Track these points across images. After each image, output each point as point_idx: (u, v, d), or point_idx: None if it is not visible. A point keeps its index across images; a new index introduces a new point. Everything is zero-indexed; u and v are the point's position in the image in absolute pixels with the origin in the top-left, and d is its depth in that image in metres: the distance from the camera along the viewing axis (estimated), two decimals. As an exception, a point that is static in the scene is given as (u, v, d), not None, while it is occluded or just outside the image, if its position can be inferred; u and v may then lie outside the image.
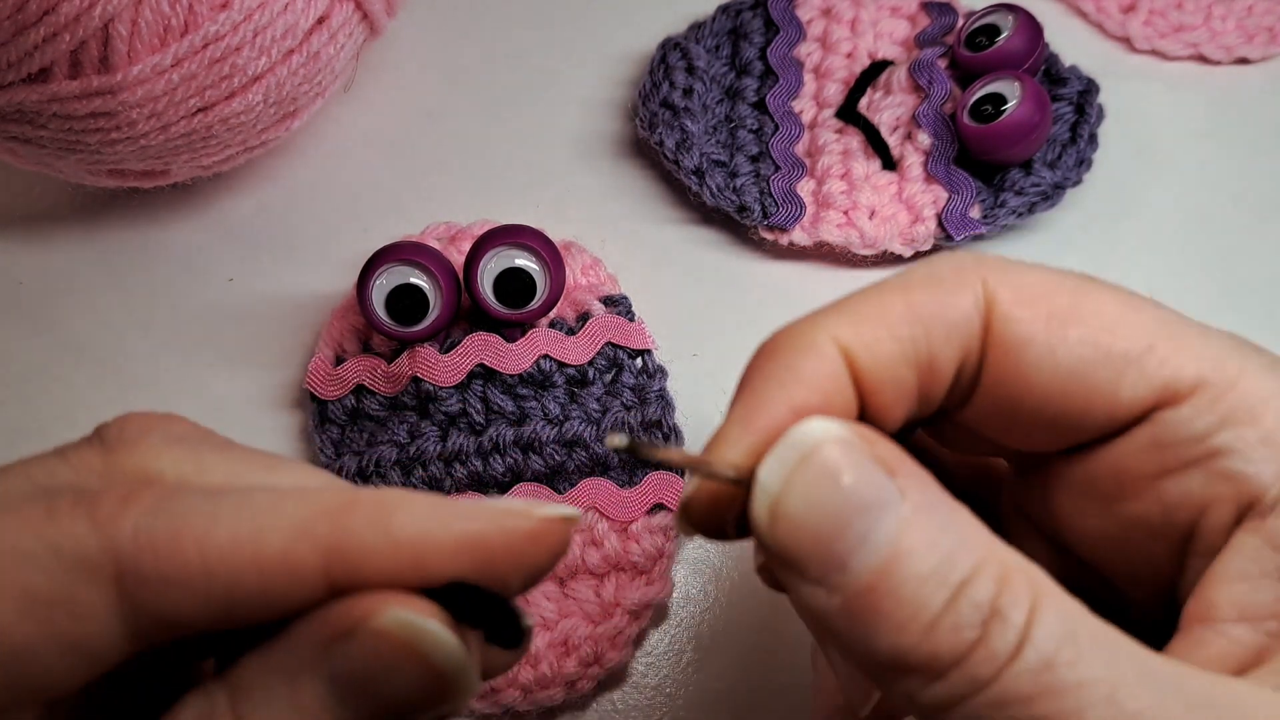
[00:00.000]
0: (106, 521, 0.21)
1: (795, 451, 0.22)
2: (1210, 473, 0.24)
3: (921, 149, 0.48)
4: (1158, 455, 0.24)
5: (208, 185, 0.50)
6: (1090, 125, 0.48)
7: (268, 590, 0.22)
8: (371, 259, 0.42)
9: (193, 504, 0.22)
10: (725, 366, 0.46)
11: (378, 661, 0.21)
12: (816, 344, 0.25)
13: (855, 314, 0.25)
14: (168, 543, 0.21)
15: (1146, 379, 0.24)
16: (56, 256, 0.49)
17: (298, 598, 0.22)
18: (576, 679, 0.40)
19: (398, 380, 0.43)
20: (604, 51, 0.53)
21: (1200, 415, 0.24)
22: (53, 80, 0.41)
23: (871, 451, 0.22)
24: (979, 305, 0.25)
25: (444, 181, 0.51)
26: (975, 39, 0.48)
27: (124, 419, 0.25)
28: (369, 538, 0.22)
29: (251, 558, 0.21)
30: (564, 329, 0.44)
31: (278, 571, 0.21)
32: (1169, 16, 0.53)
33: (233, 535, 0.21)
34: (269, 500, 0.22)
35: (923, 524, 0.22)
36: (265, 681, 0.22)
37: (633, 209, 0.50)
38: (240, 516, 0.22)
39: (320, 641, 0.22)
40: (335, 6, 0.44)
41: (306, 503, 0.22)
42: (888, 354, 0.25)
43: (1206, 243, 0.49)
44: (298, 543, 0.22)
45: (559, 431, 0.42)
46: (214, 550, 0.21)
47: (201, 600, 0.21)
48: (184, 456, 0.24)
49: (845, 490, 0.22)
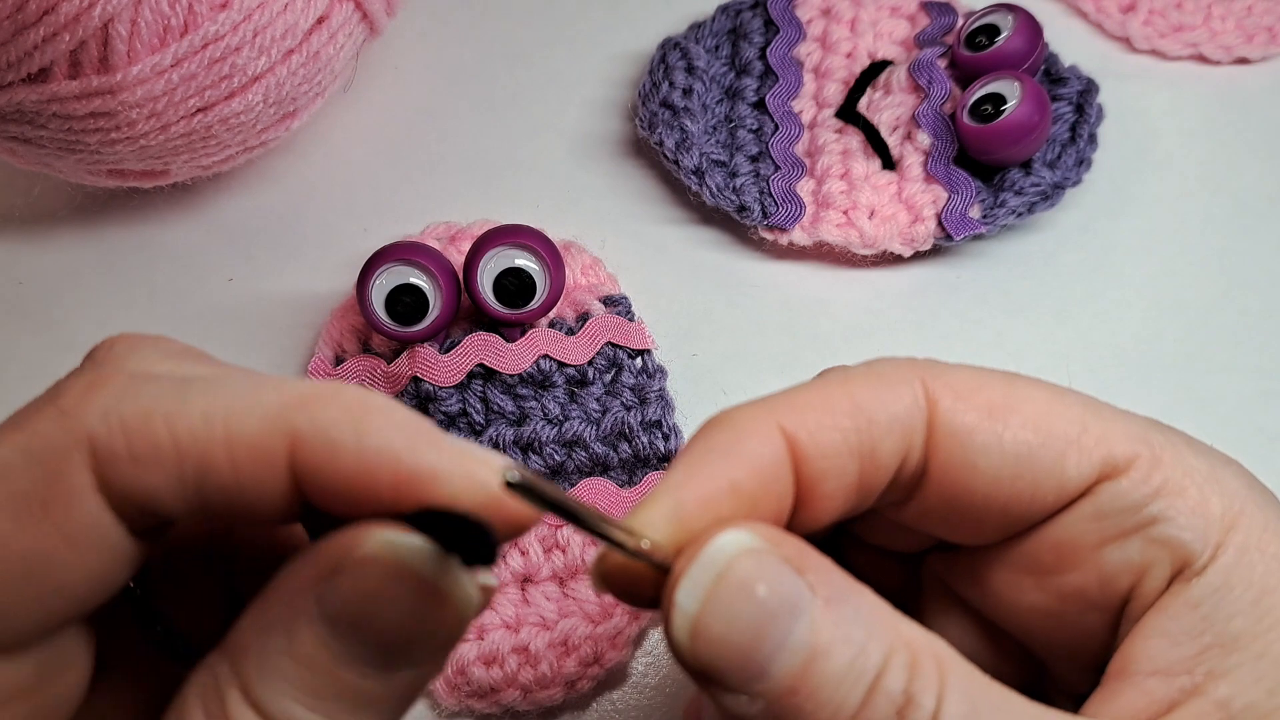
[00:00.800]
0: (72, 409, 0.22)
1: (710, 571, 0.22)
2: (1148, 539, 0.25)
3: (921, 149, 0.48)
4: (1099, 526, 0.26)
5: (208, 185, 0.50)
6: (1090, 125, 0.48)
7: (239, 473, 0.22)
8: (371, 259, 0.42)
9: (162, 387, 0.22)
10: (725, 366, 0.46)
11: (370, 588, 0.21)
12: (761, 427, 0.25)
13: (800, 403, 0.25)
14: (137, 422, 0.21)
15: (1088, 456, 0.25)
16: (56, 256, 0.49)
17: (270, 489, 0.22)
18: (576, 679, 0.40)
19: (397, 380, 0.43)
20: (604, 51, 0.53)
21: (1138, 486, 0.25)
22: (52, 80, 0.41)
23: (781, 553, 0.23)
24: (919, 401, 0.26)
25: (444, 181, 0.51)
26: (975, 39, 0.48)
27: (113, 338, 0.25)
28: (337, 434, 0.22)
29: (222, 438, 0.22)
30: (564, 329, 0.44)
31: (248, 454, 0.22)
32: (1169, 16, 0.53)
33: (204, 414, 0.22)
34: (245, 384, 0.22)
35: (834, 618, 0.22)
36: (262, 639, 0.22)
37: (633, 209, 0.50)
38: (212, 398, 0.22)
39: (308, 584, 0.22)
40: (335, 6, 0.44)
41: (283, 390, 0.22)
42: (831, 443, 0.25)
43: (1206, 243, 0.49)
44: (268, 425, 0.22)
45: (559, 431, 0.42)
46: (184, 429, 0.21)
47: (174, 479, 0.22)
48: (160, 359, 0.24)
49: (761, 601, 0.22)
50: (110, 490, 0.22)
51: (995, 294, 0.48)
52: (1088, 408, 0.26)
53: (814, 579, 0.23)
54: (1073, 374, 0.46)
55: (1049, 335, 0.47)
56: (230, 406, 0.22)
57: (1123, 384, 0.46)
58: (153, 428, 0.21)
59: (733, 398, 0.46)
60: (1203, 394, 0.46)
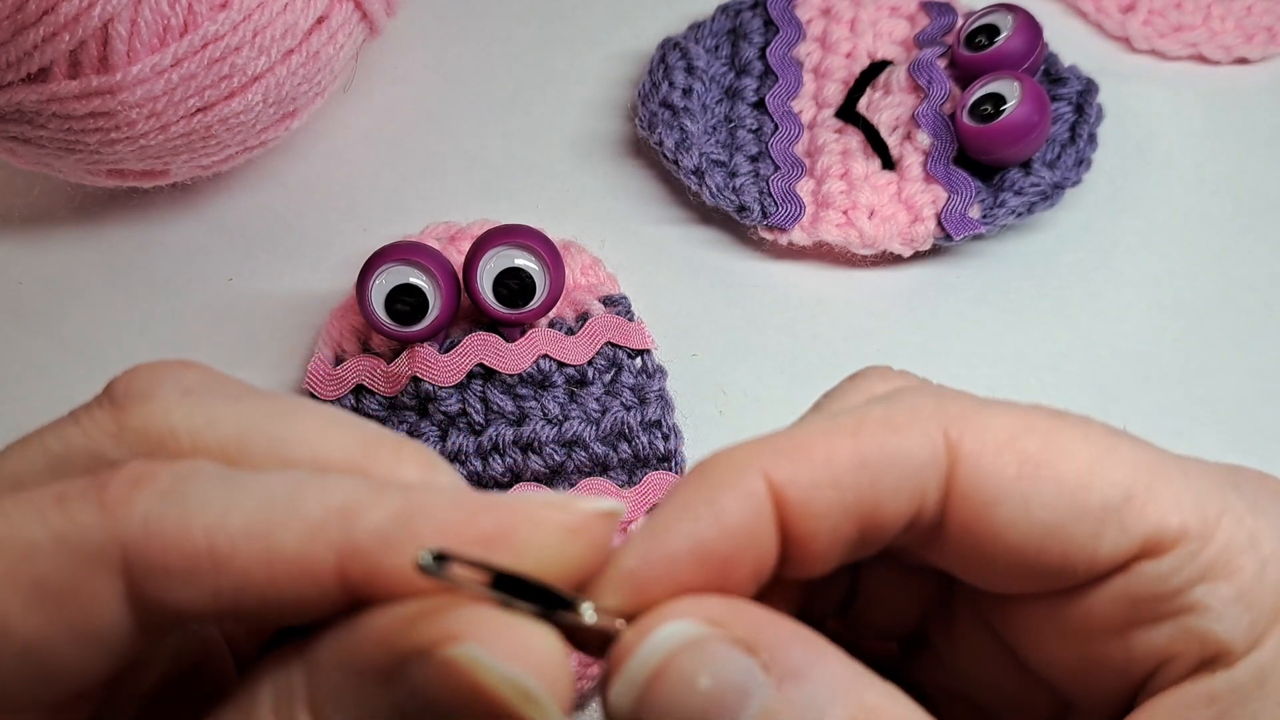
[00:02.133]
0: (115, 506, 0.21)
1: (646, 669, 0.21)
2: (1180, 628, 0.23)
3: (921, 149, 0.48)
4: (1130, 608, 0.23)
5: (207, 185, 0.50)
6: (1089, 125, 0.48)
7: (280, 589, 0.21)
8: (371, 259, 0.42)
9: (207, 490, 0.21)
10: (725, 366, 0.46)
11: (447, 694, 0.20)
12: (745, 482, 0.23)
13: (798, 453, 0.23)
14: (176, 532, 0.21)
15: (1126, 533, 0.23)
16: (56, 256, 0.49)
17: (312, 598, 0.21)
18: (576, 679, 0.40)
19: (397, 380, 0.43)
20: (604, 51, 0.53)
21: (1179, 569, 0.23)
22: (52, 80, 0.41)
23: (731, 635, 0.21)
24: (938, 457, 0.23)
25: (443, 181, 0.51)
26: (975, 39, 0.48)
27: (133, 372, 0.24)
28: (391, 534, 0.21)
29: (263, 554, 0.21)
30: (563, 329, 0.44)
31: (290, 571, 0.21)
32: (1168, 16, 0.53)
33: (245, 528, 0.21)
34: (286, 489, 0.21)
35: (788, 698, 0.21)
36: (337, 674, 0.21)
37: (632, 209, 0.50)
38: (254, 507, 0.21)
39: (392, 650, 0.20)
40: (334, 6, 0.44)
41: (325, 496, 0.21)
42: (825, 502, 0.23)
43: (1206, 243, 0.49)
44: (313, 542, 0.21)
45: (558, 431, 0.42)
46: (224, 543, 0.21)
47: (210, 594, 0.21)
48: (196, 409, 0.23)
49: (704, 693, 0.21)
50: (137, 599, 0.21)
51: (995, 294, 0.48)
52: (1140, 466, 0.23)
53: (768, 656, 0.21)
54: (1073, 374, 0.46)
55: (1049, 335, 0.47)
56: (273, 519, 0.21)
57: (1123, 384, 0.46)
58: (192, 541, 0.21)
59: (732, 398, 0.46)
60: (1203, 394, 0.46)
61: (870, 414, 0.23)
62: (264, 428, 0.23)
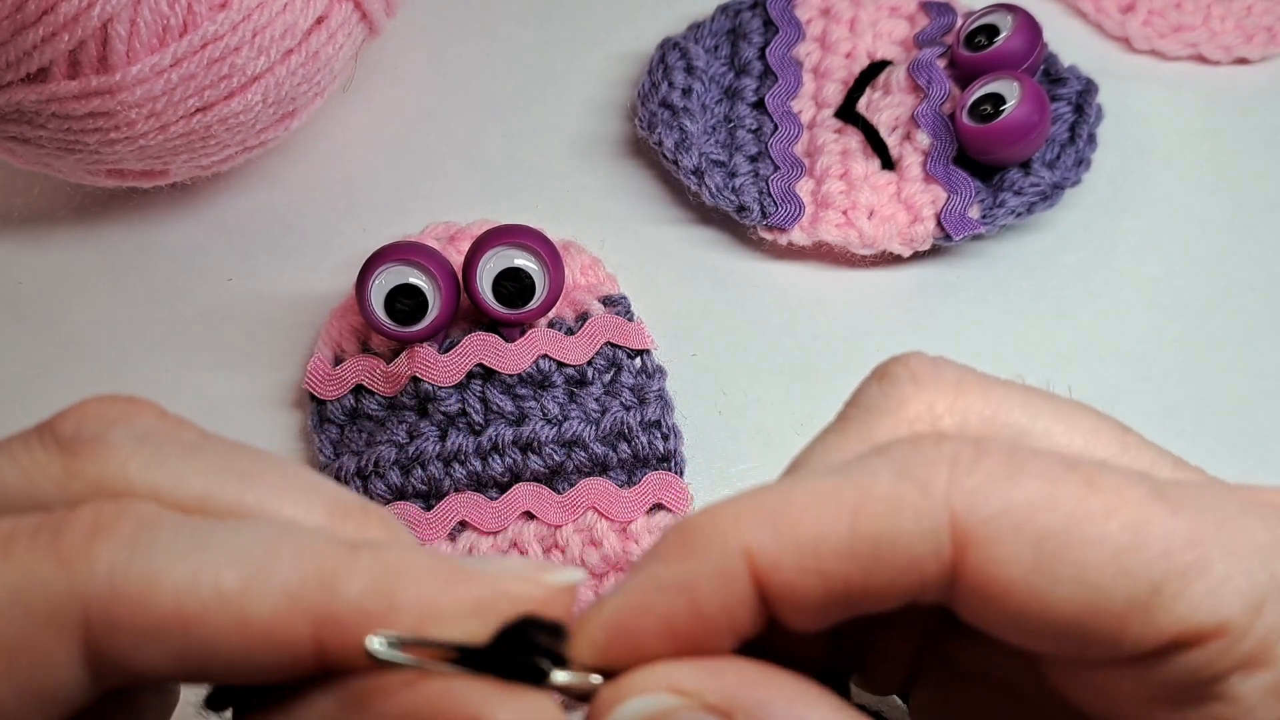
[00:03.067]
0: (74, 559, 0.19)
1: None
2: (1209, 715, 0.21)
3: (920, 149, 0.48)
4: (1159, 690, 0.21)
5: (207, 185, 0.50)
6: (1089, 125, 0.48)
7: (250, 655, 0.20)
8: (370, 259, 0.42)
9: (173, 543, 0.20)
10: (724, 366, 0.46)
11: None
12: (725, 563, 0.21)
13: (784, 528, 0.21)
14: (142, 593, 0.19)
15: (1155, 629, 0.20)
16: (56, 256, 0.49)
17: (283, 664, 0.20)
18: None
19: (397, 380, 0.43)
20: (604, 51, 0.53)
21: (1215, 660, 0.20)
22: (51, 80, 0.41)
23: (704, 701, 0.20)
24: (941, 552, 0.21)
25: (443, 181, 0.51)
26: (974, 39, 0.48)
27: (80, 409, 0.22)
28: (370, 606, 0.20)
29: (235, 620, 0.19)
30: (563, 329, 0.44)
31: (263, 639, 0.20)
32: (1168, 16, 0.53)
33: (216, 591, 0.19)
34: (259, 548, 0.20)
35: None
36: None
37: (632, 209, 0.50)
38: (225, 566, 0.19)
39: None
40: (334, 6, 0.44)
41: (300, 558, 0.20)
42: (811, 590, 0.21)
43: (1206, 243, 0.49)
44: (290, 612, 0.20)
45: (558, 431, 0.42)
46: (194, 606, 0.19)
47: (175, 657, 0.20)
48: (153, 461, 0.21)
49: None
50: (94, 658, 0.20)
51: (995, 294, 0.48)
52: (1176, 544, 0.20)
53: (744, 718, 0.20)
54: (1073, 374, 0.46)
55: (1049, 335, 0.47)
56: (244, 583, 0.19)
57: (1123, 384, 0.46)
58: (159, 604, 0.19)
59: (731, 398, 0.46)
60: (1202, 394, 0.46)
61: (874, 488, 0.21)
62: (227, 492, 0.22)
